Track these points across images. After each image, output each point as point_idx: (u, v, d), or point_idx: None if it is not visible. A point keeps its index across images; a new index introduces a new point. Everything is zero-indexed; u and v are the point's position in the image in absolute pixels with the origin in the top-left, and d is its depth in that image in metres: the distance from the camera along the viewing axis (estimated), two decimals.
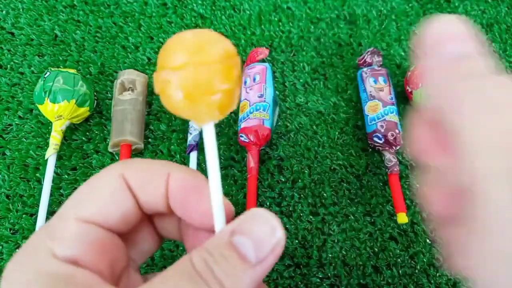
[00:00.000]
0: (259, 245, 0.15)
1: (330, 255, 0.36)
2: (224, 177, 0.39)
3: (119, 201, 0.18)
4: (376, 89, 0.41)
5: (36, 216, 0.36)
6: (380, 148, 0.39)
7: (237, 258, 0.15)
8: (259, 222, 0.15)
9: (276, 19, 0.48)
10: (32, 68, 0.43)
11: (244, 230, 0.15)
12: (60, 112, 0.37)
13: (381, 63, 0.43)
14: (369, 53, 0.43)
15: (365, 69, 0.42)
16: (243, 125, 0.39)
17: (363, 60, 0.43)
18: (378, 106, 0.39)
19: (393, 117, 0.39)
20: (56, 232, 0.17)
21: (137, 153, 0.40)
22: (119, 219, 0.18)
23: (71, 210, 0.17)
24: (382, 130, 0.38)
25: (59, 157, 0.39)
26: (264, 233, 0.15)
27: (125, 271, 0.18)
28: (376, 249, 0.36)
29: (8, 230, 0.36)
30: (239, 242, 0.15)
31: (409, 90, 0.41)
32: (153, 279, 0.15)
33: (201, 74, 0.16)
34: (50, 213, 0.36)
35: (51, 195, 0.37)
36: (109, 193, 0.17)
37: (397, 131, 0.38)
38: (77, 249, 0.16)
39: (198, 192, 0.18)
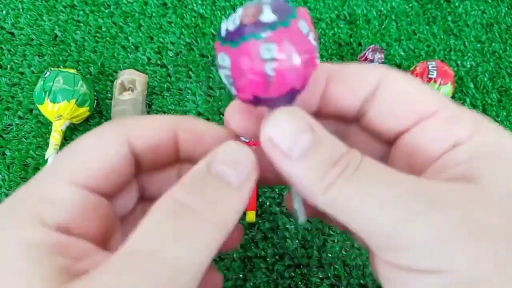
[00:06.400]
0: (237, 170, 0.15)
1: (330, 255, 0.36)
2: None
3: (118, 167, 0.16)
4: None
5: None
6: None
7: (221, 184, 0.15)
8: (233, 151, 0.16)
9: None
10: (32, 68, 0.43)
11: (220, 159, 0.15)
12: (60, 112, 0.37)
13: (382, 60, 0.43)
14: (370, 50, 0.43)
15: None
16: None
17: (364, 57, 0.43)
18: None
19: None
20: (46, 195, 0.15)
21: None
22: (115, 184, 0.17)
23: (64, 172, 0.15)
24: None
25: None
26: (239, 159, 0.16)
27: (114, 235, 0.18)
28: None
29: None
30: (219, 170, 0.15)
31: None
32: (139, 226, 0.14)
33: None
34: None
35: None
36: (109, 157, 0.16)
37: None
38: (70, 215, 0.15)
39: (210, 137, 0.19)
